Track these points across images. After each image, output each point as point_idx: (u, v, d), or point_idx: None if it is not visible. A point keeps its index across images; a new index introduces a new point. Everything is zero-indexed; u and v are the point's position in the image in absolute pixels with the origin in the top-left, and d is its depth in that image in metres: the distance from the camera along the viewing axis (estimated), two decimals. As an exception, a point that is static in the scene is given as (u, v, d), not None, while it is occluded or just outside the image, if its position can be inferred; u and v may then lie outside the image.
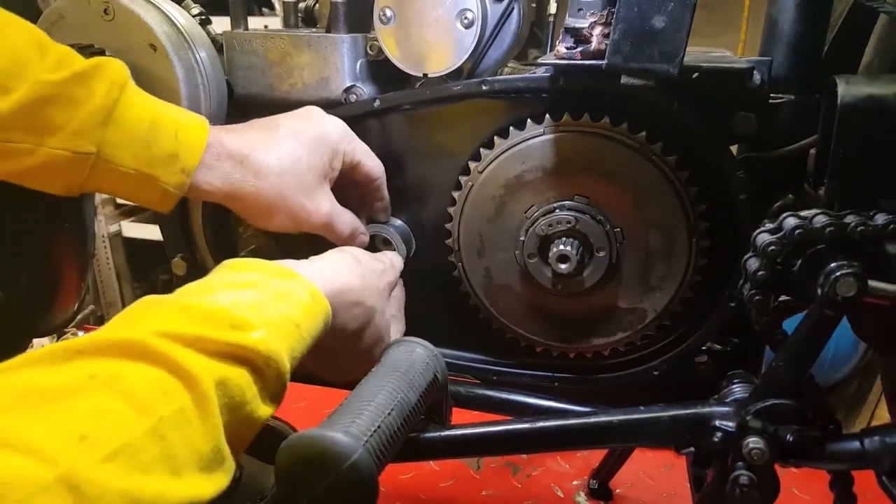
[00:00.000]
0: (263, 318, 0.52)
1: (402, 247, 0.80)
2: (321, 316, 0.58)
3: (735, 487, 0.63)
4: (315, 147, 0.70)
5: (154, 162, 0.64)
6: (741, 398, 0.67)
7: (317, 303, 0.58)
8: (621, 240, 0.74)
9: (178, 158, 0.65)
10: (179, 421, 0.44)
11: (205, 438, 0.45)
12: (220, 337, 0.48)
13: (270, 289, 0.56)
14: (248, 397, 0.49)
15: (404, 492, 1.22)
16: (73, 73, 0.62)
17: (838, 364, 1.60)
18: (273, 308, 0.54)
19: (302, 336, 0.55)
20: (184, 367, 0.45)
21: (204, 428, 0.45)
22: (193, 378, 0.45)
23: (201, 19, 0.81)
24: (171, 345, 0.46)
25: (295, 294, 0.57)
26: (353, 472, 0.49)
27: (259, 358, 0.50)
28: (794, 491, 1.18)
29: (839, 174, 0.62)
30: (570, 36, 0.71)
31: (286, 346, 0.52)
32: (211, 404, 0.45)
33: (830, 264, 0.59)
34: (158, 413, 0.42)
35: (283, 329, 0.53)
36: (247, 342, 0.49)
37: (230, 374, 0.48)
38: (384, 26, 0.77)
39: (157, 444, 0.42)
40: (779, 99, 0.72)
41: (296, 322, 0.54)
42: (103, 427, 0.40)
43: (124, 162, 0.64)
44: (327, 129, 0.72)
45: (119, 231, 2.63)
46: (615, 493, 1.21)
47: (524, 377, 0.84)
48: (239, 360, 0.49)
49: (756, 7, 2.15)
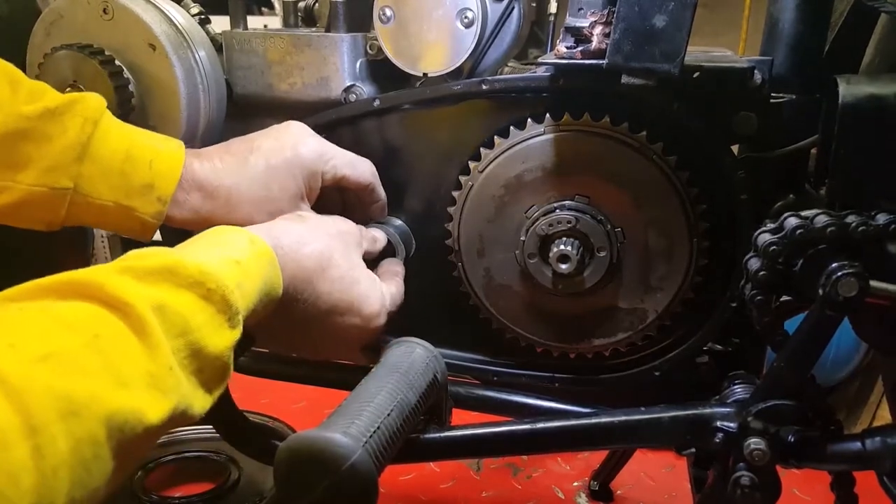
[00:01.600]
0: (200, 254, 0.51)
1: (401, 247, 0.79)
2: (265, 258, 0.56)
3: (736, 488, 0.63)
4: (287, 171, 0.69)
5: (131, 193, 0.65)
6: (742, 399, 0.67)
7: (255, 244, 0.56)
8: (622, 240, 0.73)
9: (153, 188, 0.65)
10: (118, 341, 0.42)
11: (150, 359, 0.43)
12: (151, 262, 0.47)
13: (206, 239, 0.56)
14: (196, 323, 0.47)
15: (404, 493, 1.22)
16: (45, 109, 0.62)
17: (839, 364, 1.60)
18: (210, 250, 0.53)
19: (247, 271, 0.53)
20: (116, 296, 0.43)
21: (148, 350, 0.43)
22: (127, 305, 0.43)
23: (200, 19, 0.81)
24: (101, 275, 0.44)
25: (231, 239, 0.56)
26: (353, 473, 0.49)
27: (195, 280, 0.48)
28: (795, 492, 1.18)
29: (840, 174, 0.62)
30: (570, 35, 0.71)
31: (229, 277, 0.51)
32: (149, 327, 0.43)
33: (832, 264, 0.59)
34: (93, 331, 0.41)
35: (221, 264, 0.51)
36: (178, 263, 0.48)
37: (168, 297, 0.46)
38: (384, 26, 0.77)
39: (96, 355, 0.40)
40: (780, 99, 0.72)
41: (235, 259, 0.53)
42: (34, 338, 0.39)
43: (102, 195, 0.64)
44: (300, 150, 0.71)
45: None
46: (616, 494, 1.21)
47: (524, 378, 0.84)
48: (177, 285, 0.47)
49: (757, 7, 2.15)
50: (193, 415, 0.47)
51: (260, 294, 0.55)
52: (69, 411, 0.37)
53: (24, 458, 0.35)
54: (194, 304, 0.48)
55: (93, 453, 0.38)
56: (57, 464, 0.36)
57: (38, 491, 0.35)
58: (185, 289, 0.48)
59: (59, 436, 0.36)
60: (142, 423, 0.41)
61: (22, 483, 0.34)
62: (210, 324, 0.48)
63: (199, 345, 0.47)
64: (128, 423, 0.40)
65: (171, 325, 0.46)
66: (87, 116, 0.64)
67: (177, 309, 0.46)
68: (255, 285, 0.54)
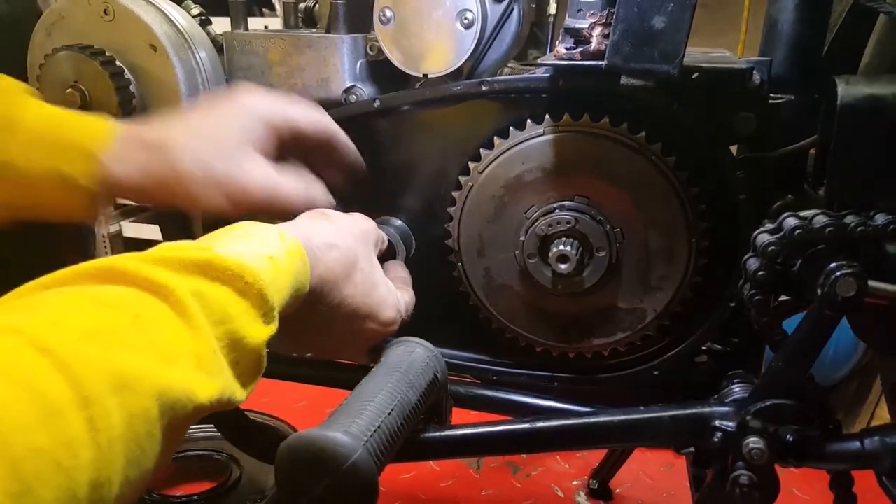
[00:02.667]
0: (231, 248, 0.50)
1: (401, 247, 0.80)
2: (297, 256, 0.55)
3: (735, 487, 0.63)
4: (233, 115, 0.67)
5: (64, 157, 0.62)
6: (741, 398, 0.67)
7: (287, 242, 0.54)
8: (621, 240, 0.74)
9: (87, 149, 0.62)
10: (161, 322, 0.41)
11: (195, 340, 0.42)
12: (187, 255, 0.46)
13: (234, 233, 0.54)
14: (233, 313, 0.46)
15: (404, 492, 1.22)
16: None
17: (838, 364, 1.60)
18: (242, 243, 0.51)
19: (278, 267, 0.51)
20: (154, 281, 0.42)
21: (192, 331, 0.42)
22: (165, 288, 0.42)
23: (201, 20, 0.81)
24: (136, 263, 0.44)
25: (263, 234, 0.54)
26: (353, 472, 0.49)
27: (232, 273, 0.47)
28: (794, 491, 1.18)
29: (839, 174, 0.62)
30: (569, 36, 0.71)
31: (264, 272, 0.49)
32: (191, 309, 0.42)
33: (830, 264, 0.59)
34: (135, 311, 0.40)
35: (253, 257, 0.50)
36: (214, 257, 0.47)
37: (205, 288, 0.45)
38: (384, 27, 0.77)
39: (140, 334, 0.39)
40: (778, 99, 0.72)
41: (268, 255, 0.51)
42: (76, 317, 0.38)
43: (34, 163, 0.62)
44: (248, 101, 0.68)
45: (119, 231, 2.62)
46: (615, 493, 1.21)
47: (524, 377, 0.84)
48: (213, 278, 0.46)
49: (756, 7, 2.15)
50: (235, 402, 0.46)
51: (291, 290, 0.53)
52: (122, 384, 0.36)
53: (80, 429, 0.33)
54: (231, 296, 0.46)
55: (146, 430, 0.37)
56: (112, 438, 0.35)
57: (95, 466, 0.33)
58: (221, 282, 0.46)
59: (113, 409, 0.35)
60: (192, 401, 0.40)
61: (81, 456, 0.33)
62: (247, 315, 0.47)
63: (239, 335, 0.46)
64: (179, 402, 0.39)
65: (212, 311, 0.44)
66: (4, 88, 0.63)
67: (215, 296, 0.45)
68: (286, 281, 0.52)
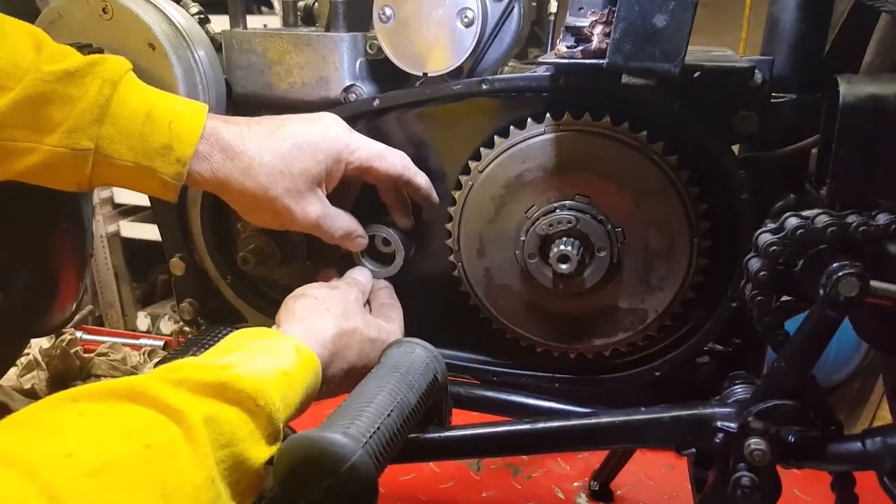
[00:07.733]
0: (249, 367, 0.55)
1: (401, 247, 0.79)
2: (310, 368, 0.60)
3: (736, 488, 0.63)
4: (311, 153, 0.70)
5: (150, 154, 0.65)
6: (743, 399, 0.67)
7: (301, 354, 0.60)
8: (622, 240, 0.73)
9: (172, 149, 0.65)
10: (168, 450, 0.45)
11: (196, 469, 0.46)
12: (206, 377, 0.51)
13: (255, 347, 0.59)
14: (241, 435, 0.50)
15: (404, 493, 1.22)
16: (66, 71, 0.63)
17: (840, 364, 1.60)
18: (259, 360, 0.56)
19: (292, 384, 0.57)
20: (170, 405, 0.47)
21: (195, 459, 0.46)
22: (180, 413, 0.47)
23: (200, 18, 0.81)
24: (158, 385, 0.48)
25: (279, 347, 0.60)
26: (353, 473, 0.49)
27: (245, 395, 0.52)
28: (795, 492, 1.18)
29: (841, 174, 0.62)
30: (570, 35, 0.71)
31: (276, 391, 0.54)
32: (199, 435, 0.47)
33: (832, 264, 0.59)
34: (145, 441, 0.44)
35: (269, 375, 0.55)
36: (231, 378, 0.52)
37: (218, 411, 0.50)
38: (384, 25, 0.77)
39: (145, 466, 0.43)
40: (780, 98, 0.72)
41: (283, 370, 0.57)
42: (90, 447, 0.42)
43: (122, 156, 0.65)
44: (328, 136, 0.72)
45: (117, 231, 2.62)
46: (616, 495, 1.20)
47: (524, 378, 0.84)
48: (227, 400, 0.51)
49: (757, 6, 2.15)
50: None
51: (301, 400, 0.58)
52: None
53: None
54: (241, 418, 0.51)
55: None
56: None
57: None
58: (234, 403, 0.51)
59: None
60: None
61: None
62: (252, 437, 0.52)
63: (242, 457, 0.50)
64: None
65: (220, 434, 0.49)
66: (107, 78, 0.64)
67: (226, 418, 0.50)
68: (297, 395, 0.58)
